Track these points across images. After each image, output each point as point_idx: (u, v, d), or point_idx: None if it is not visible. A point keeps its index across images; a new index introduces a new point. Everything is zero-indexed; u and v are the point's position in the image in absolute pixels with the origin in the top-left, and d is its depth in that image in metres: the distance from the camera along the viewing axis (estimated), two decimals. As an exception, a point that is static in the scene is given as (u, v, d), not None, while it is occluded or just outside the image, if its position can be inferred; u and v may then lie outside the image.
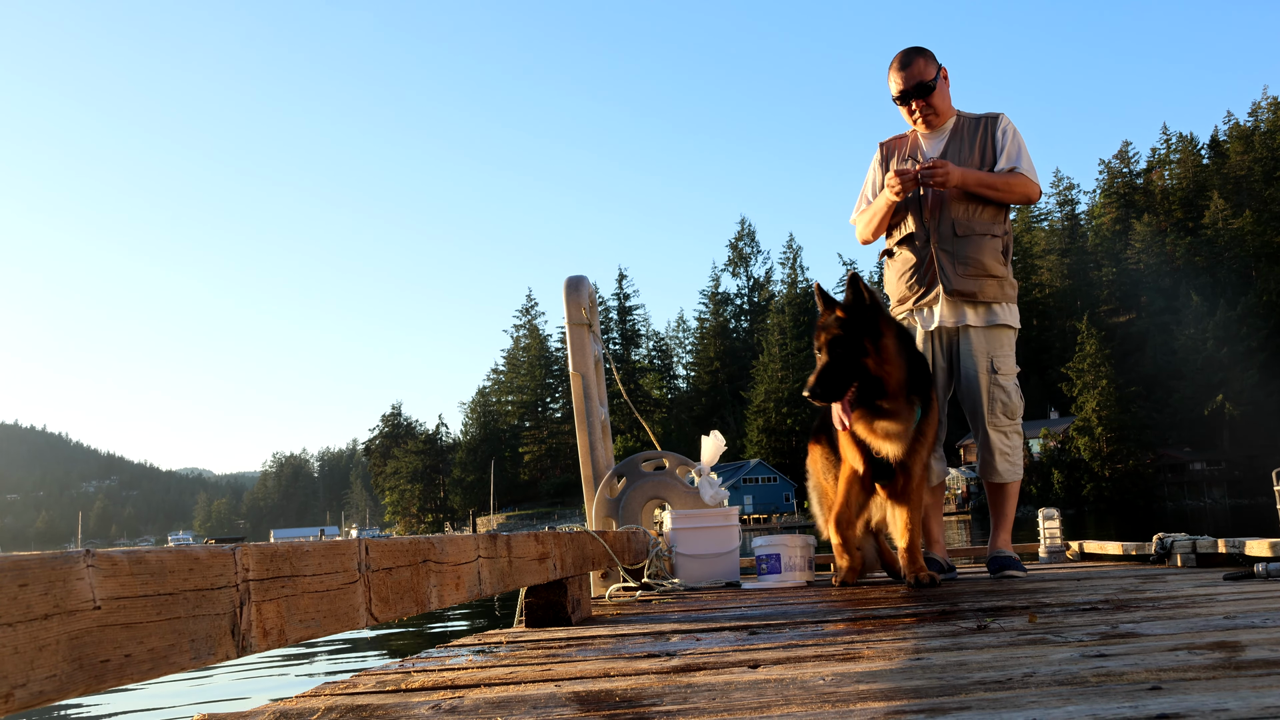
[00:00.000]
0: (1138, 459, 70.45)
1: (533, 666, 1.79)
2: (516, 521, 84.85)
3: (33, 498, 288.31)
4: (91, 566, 0.90)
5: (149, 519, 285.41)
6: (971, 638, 1.80)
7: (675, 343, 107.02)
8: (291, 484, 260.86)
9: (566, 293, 4.40)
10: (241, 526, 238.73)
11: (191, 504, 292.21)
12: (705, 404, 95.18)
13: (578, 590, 2.77)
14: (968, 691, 1.24)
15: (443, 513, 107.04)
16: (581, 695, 1.43)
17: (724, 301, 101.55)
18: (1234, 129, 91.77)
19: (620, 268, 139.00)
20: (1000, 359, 3.61)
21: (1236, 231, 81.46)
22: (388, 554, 1.51)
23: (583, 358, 4.39)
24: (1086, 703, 1.11)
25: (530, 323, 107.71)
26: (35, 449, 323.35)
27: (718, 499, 4.21)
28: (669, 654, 1.85)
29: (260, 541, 1.25)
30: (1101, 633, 1.73)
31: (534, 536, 2.38)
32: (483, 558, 1.99)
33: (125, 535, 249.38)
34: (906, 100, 3.68)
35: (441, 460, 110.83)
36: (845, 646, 1.79)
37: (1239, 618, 1.81)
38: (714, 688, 1.41)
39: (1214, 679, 1.20)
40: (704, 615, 2.66)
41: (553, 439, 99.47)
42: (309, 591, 1.27)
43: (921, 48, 3.67)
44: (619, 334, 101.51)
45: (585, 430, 4.36)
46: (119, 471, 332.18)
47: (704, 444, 4.36)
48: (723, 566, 3.96)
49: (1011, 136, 3.65)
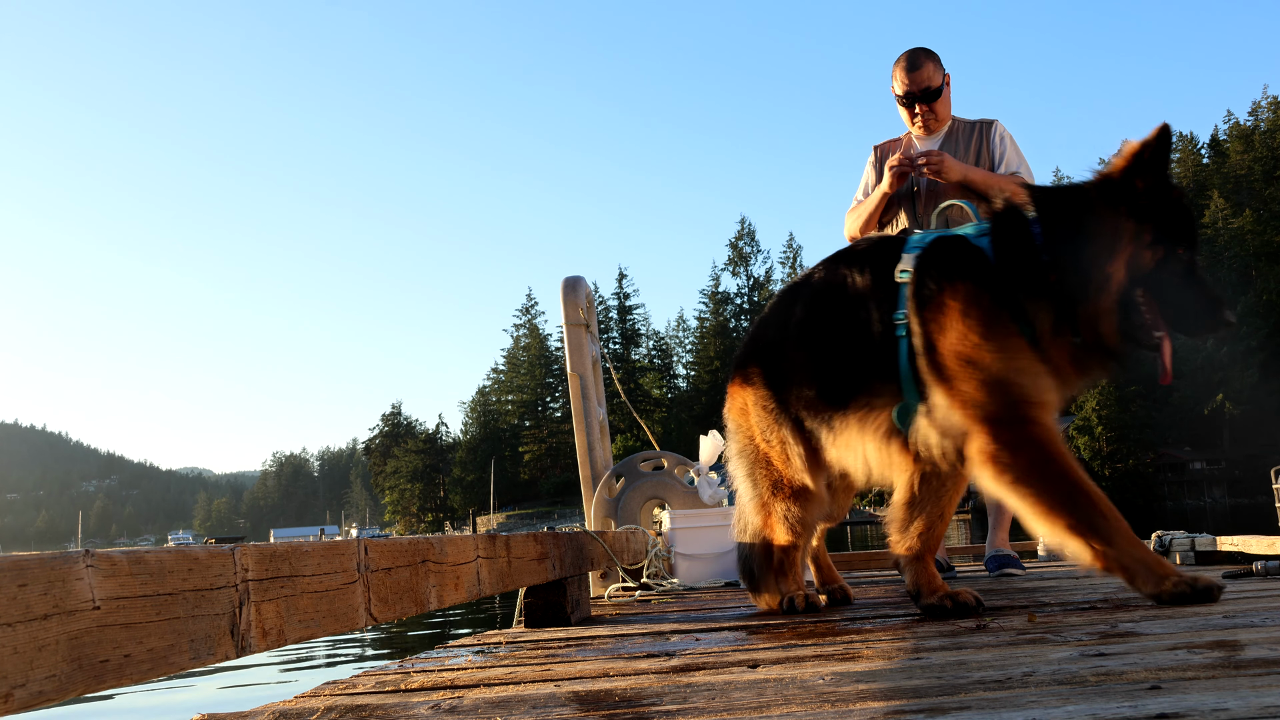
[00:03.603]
0: (1138, 458, 70.44)
1: (532, 666, 1.79)
2: (516, 521, 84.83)
3: (33, 497, 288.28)
4: (91, 567, 0.90)
5: (149, 518, 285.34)
6: (971, 637, 1.80)
7: (675, 342, 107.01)
8: (291, 483, 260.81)
9: (564, 293, 4.40)
10: (242, 526, 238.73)
11: (191, 503, 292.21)
12: (705, 404, 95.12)
13: (577, 590, 2.77)
14: (967, 691, 1.24)
15: (443, 512, 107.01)
16: (581, 695, 1.43)
17: (724, 301, 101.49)
18: (1234, 128, 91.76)
19: (620, 267, 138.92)
20: None
21: (1236, 231, 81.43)
22: (387, 554, 1.52)
23: (580, 358, 4.39)
24: (1086, 702, 1.11)
25: (530, 322, 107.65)
26: (35, 448, 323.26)
27: (716, 499, 4.21)
28: (668, 654, 1.85)
29: (260, 541, 1.25)
30: (1101, 632, 1.73)
31: (533, 537, 2.38)
32: (482, 558, 1.99)
33: (125, 535, 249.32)
34: (911, 103, 3.68)
35: (441, 460, 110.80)
36: (845, 646, 1.79)
37: (1238, 617, 1.81)
38: (713, 687, 1.41)
39: (1213, 678, 1.20)
40: (703, 615, 2.66)
41: (553, 438, 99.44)
42: (308, 592, 1.27)
43: (930, 50, 3.67)
44: (619, 334, 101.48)
45: (584, 430, 4.36)
46: (119, 471, 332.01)
47: (703, 444, 4.36)
48: (722, 566, 3.96)
49: (1010, 143, 3.66)
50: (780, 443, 2.44)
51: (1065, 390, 2.13)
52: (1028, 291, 2.07)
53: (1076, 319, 2.05)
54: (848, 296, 2.29)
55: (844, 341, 2.28)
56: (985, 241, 2.15)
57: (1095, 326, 2.04)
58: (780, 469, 2.46)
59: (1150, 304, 2.03)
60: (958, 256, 2.16)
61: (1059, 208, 2.11)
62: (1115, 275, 2.02)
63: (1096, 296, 2.03)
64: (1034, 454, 2.03)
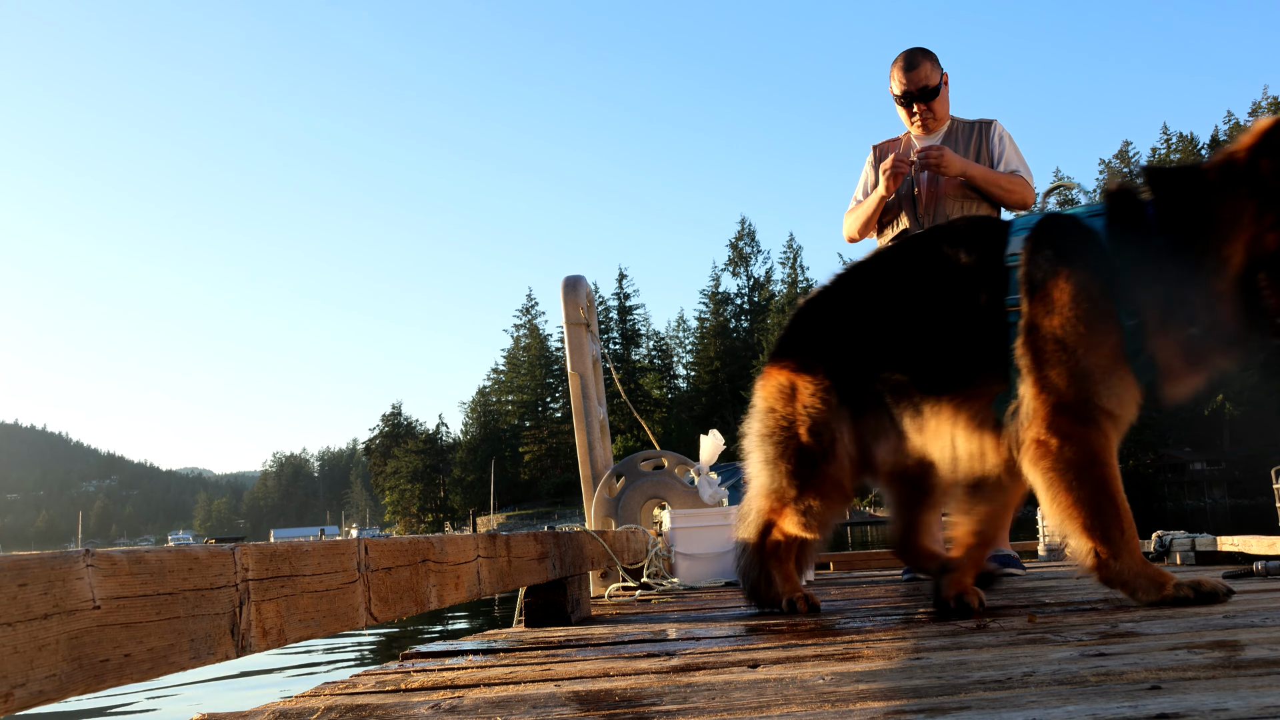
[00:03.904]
0: (1138, 459, 70.44)
1: (532, 666, 1.79)
2: (516, 521, 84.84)
3: (33, 497, 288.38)
4: (91, 566, 0.90)
5: (149, 519, 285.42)
6: (971, 637, 1.80)
7: (675, 342, 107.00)
8: (292, 484, 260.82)
9: (564, 293, 4.40)
10: (242, 526, 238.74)
11: (192, 504, 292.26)
12: (705, 404, 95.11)
13: (577, 590, 2.77)
14: (967, 691, 1.24)
15: (443, 512, 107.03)
16: (581, 695, 1.43)
17: (724, 301, 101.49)
18: (1234, 129, 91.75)
19: (620, 268, 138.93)
20: None
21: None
22: (387, 554, 1.52)
23: (581, 357, 4.39)
24: (1086, 702, 1.11)
25: (530, 322, 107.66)
26: (35, 448, 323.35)
27: (716, 498, 4.21)
28: (668, 653, 1.85)
29: (260, 541, 1.25)
30: (1101, 632, 1.73)
31: (533, 536, 2.38)
32: (482, 557, 1.99)
33: (125, 535, 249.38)
34: (909, 103, 3.68)
35: (441, 460, 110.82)
36: (845, 646, 1.79)
37: (1238, 617, 1.81)
38: (713, 687, 1.41)
39: (1213, 678, 1.20)
40: (703, 615, 2.66)
41: (553, 439, 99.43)
42: (308, 591, 1.27)
43: (927, 50, 3.67)
44: (619, 334, 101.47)
45: (584, 430, 4.36)
46: (119, 471, 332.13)
47: (703, 443, 4.36)
48: (722, 566, 3.96)
49: (1009, 142, 3.67)
50: (829, 432, 2.30)
51: (1178, 388, 2.04)
52: (1140, 277, 1.99)
53: (1192, 305, 1.96)
54: (949, 278, 2.18)
55: (945, 325, 2.17)
56: (1099, 223, 2.08)
57: (1212, 311, 1.95)
58: (817, 460, 2.32)
59: (1274, 288, 1.91)
60: (1071, 238, 2.09)
61: (1175, 188, 2.03)
62: (1234, 257, 1.92)
63: (1213, 279, 1.94)
64: (1082, 453, 2.00)
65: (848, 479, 2.34)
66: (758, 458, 2.45)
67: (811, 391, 2.33)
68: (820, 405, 2.32)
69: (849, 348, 2.32)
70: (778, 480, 2.39)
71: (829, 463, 2.32)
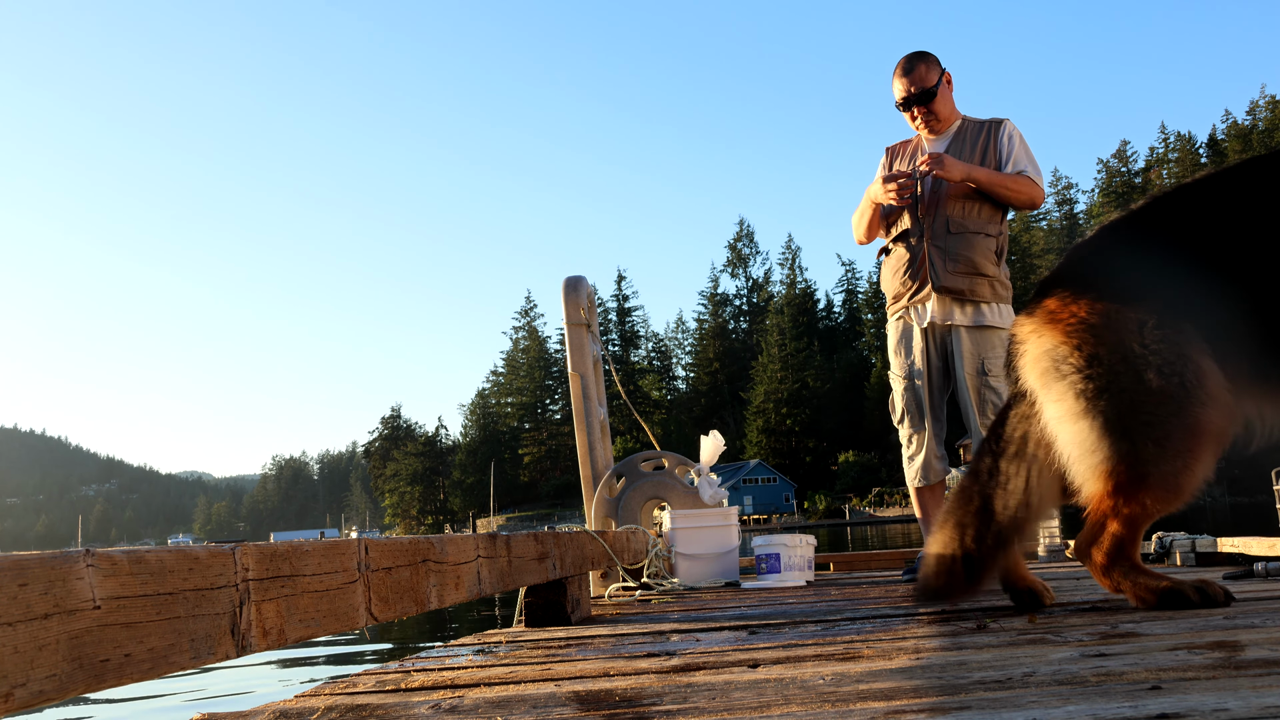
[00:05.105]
0: (1137, 459, 70.36)
1: (532, 666, 1.79)
2: (516, 523, 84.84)
3: (32, 501, 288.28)
4: (91, 566, 0.90)
5: (149, 522, 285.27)
6: (971, 637, 1.80)
7: (674, 344, 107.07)
8: (291, 487, 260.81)
9: (565, 293, 4.40)
10: (241, 529, 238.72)
11: (191, 507, 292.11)
12: (705, 405, 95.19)
13: (577, 590, 2.77)
14: (968, 691, 1.24)
15: (443, 515, 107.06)
16: (581, 695, 1.43)
17: (723, 302, 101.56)
18: (1232, 128, 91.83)
19: (619, 268, 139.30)
20: (991, 360, 3.62)
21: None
22: (387, 554, 1.52)
23: (581, 358, 4.39)
24: (1086, 702, 1.11)
25: (529, 324, 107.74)
26: (35, 452, 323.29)
27: (717, 499, 4.21)
28: (668, 654, 1.85)
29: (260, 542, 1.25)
30: (1101, 632, 1.73)
31: (533, 536, 2.38)
32: (482, 557, 1.99)
33: (125, 538, 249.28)
34: (909, 106, 3.70)
35: (441, 462, 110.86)
36: (845, 646, 1.79)
37: (1238, 617, 1.81)
38: (714, 687, 1.41)
39: (1214, 679, 1.20)
40: (704, 615, 2.66)
41: (552, 440, 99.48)
42: (309, 591, 1.27)
43: (925, 53, 3.70)
44: (618, 335, 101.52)
45: (584, 430, 4.36)
46: (119, 475, 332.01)
47: (703, 444, 4.36)
48: (722, 566, 3.96)
49: (1018, 142, 3.67)
50: (1192, 367, 1.88)
51: None
52: None
53: None
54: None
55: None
56: None
57: None
58: (1183, 404, 1.89)
59: None
60: None
61: None
62: None
63: None
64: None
65: (1228, 423, 1.95)
66: (1089, 425, 1.95)
67: (1155, 324, 1.91)
68: (1174, 336, 1.90)
69: (1210, 277, 1.92)
70: (1124, 444, 1.92)
71: (1203, 407, 1.90)
